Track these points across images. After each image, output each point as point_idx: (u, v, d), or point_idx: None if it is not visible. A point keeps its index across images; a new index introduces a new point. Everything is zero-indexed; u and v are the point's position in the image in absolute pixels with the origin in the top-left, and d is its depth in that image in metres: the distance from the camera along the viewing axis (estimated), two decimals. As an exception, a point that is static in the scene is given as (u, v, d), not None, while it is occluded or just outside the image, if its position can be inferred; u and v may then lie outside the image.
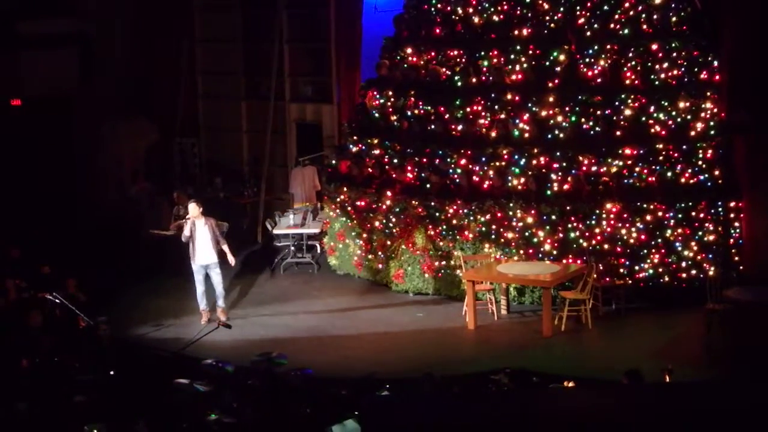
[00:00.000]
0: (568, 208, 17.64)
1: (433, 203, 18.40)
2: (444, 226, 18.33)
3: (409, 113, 19.52)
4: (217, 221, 18.15)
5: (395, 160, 19.30)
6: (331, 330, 17.37)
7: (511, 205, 17.82)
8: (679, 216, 17.72)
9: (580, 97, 18.23)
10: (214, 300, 17.76)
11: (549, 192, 17.84)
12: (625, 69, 18.39)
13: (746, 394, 7.39)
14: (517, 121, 18.29)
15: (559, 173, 17.90)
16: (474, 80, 19.01)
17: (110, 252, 20.55)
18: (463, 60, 19.24)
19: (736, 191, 17.94)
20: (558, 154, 17.98)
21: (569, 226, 17.66)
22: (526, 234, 17.81)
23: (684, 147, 18.10)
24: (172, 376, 13.55)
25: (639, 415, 7.05)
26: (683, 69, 18.56)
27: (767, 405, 7.13)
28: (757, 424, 6.94)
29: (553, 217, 17.69)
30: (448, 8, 19.64)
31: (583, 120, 18.17)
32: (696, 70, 18.69)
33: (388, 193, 18.91)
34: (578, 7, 18.67)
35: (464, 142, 18.68)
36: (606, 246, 17.59)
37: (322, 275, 20.35)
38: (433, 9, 19.88)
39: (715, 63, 18.61)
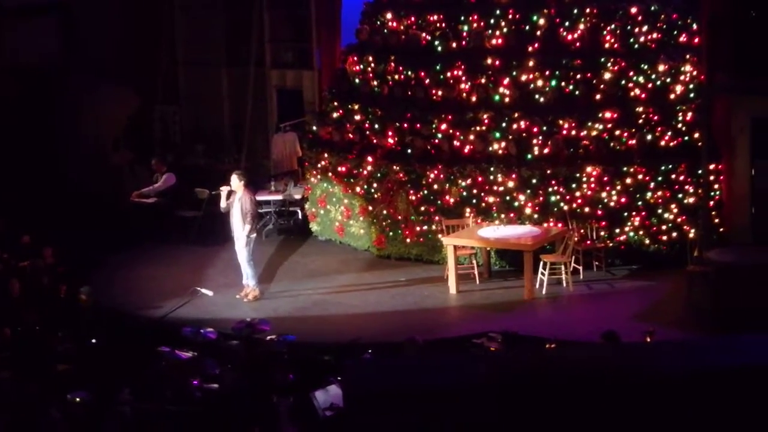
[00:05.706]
0: (548, 171, 17.68)
1: (414, 168, 18.42)
2: (425, 191, 18.34)
3: (389, 78, 19.49)
4: (254, 199, 17.28)
5: (376, 126, 19.28)
6: (313, 296, 17.39)
7: (492, 169, 17.85)
8: (659, 179, 17.77)
9: (560, 61, 18.26)
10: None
11: (530, 156, 17.86)
12: (605, 33, 18.41)
13: (726, 353, 7.44)
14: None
15: (540, 137, 17.93)
16: (454, 45, 18.99)
17: (92, 220, 20.48)
18: (443, 25, 19.22)
19: (715, 153, 18.00)
20: (538, 118, 18.02)
21: (550, 189, 17.70)
22: (507, 198, 17.85)
23: (664, 110, 18.17)
24: (154, 344, 13.57)
25: (618, 373, 7.10)
26: (662, 32, 18.61)
27: (745, 364, 7.19)
28: (734, 383, 7.00)
29: (534, 180, 17.73)
30: (428, -28, 19.60)
31: (563, 84, 18.19)
32: (675, 33, 18.75)
33: (369, 159, 18.91)
34: (557, -29, 18.68)
35: (445, 106, 18.68)
36: (587, 209, 17.65)
37: (304, 241, 20.34)
38: (412, -27, 19.84)
39: (694, 26, 18.66)
